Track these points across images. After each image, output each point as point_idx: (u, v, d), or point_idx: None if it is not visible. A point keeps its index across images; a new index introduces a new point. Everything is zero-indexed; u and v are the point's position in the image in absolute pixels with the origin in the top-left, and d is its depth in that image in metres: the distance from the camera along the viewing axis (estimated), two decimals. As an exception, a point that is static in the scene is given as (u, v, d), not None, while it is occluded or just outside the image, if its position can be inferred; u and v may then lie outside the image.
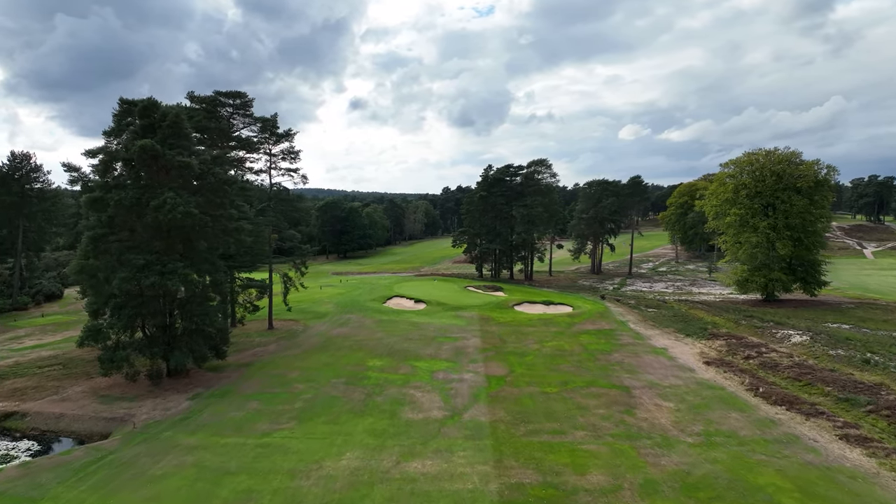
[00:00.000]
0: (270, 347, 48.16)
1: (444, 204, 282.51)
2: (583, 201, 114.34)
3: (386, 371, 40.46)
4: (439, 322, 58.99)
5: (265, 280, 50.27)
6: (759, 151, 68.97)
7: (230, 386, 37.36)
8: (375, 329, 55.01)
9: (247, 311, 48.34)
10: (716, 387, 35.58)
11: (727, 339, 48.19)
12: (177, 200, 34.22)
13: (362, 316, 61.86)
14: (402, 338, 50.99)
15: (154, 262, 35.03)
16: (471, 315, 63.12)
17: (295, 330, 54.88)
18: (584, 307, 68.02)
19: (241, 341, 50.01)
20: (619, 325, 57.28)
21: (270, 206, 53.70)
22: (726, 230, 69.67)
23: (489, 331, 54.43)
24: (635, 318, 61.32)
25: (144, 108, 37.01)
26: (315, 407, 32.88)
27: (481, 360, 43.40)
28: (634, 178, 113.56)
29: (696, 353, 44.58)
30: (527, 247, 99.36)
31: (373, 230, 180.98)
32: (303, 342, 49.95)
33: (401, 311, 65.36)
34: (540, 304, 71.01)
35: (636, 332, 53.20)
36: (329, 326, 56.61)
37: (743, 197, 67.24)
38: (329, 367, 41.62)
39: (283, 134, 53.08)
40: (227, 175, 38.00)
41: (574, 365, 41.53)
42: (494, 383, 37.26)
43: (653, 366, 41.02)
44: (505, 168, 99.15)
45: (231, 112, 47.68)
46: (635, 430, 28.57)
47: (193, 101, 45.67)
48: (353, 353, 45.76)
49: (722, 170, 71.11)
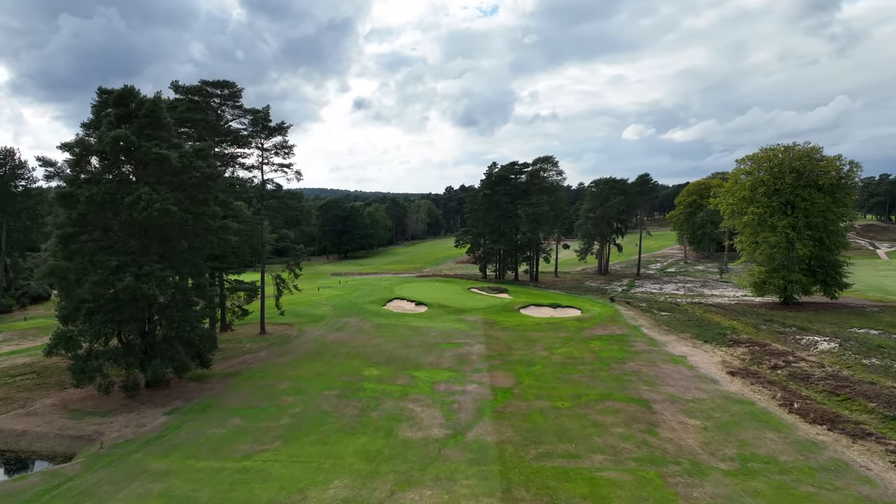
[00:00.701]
0: (261, 354, 45.13)
1: (447, 203, 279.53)
2: (589, 200, 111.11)
3: (383, 382, 37.37)
4: (441, 326, 55.87)
5: (256, 282, 47.26)
6: (778, 147, 65.63)
7: (213, 398, 34.33)
8: (373, 334, 51.94)
9: (235, 316, 45.28)
10: (744, 401, 32.35)
11: (749, 346, 44.93)
12: (153, 197, 31.22)
13: (360, 320, 58.80)
14: (401, 344, 47.90)
15: (129, 264, 32.05)
16: (474, 319, 60.00)
17: (288, 335, 51.85)
18: (593, 310, 64.81)
19: (231, 347, 47.04)
20: (632, 329, 54.05)
21: (263, 204, 50.71)
22: (742, 230, 66.31)
23: (494, 336, 51.30)
24: (648, 322, 58.07)
25: (120, 95, 34.04)
26: (303, 424, 29.81)
27: (486, 369, 40.29)
28: (643, 177, 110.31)
29: (718, 362, 41.34)
30: (532, 247, 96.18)
31: (374, 230, 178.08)
32: (296, 348, 46.91)
33: (401, 315, 62.29)
34: (547, 307, 67.81)
35: (650, 338, 49.97)
36: (325, 331, 53.56)
37: (761, 195, 63.87)
38: (322, 376, 38.56)
39: (275, 127, 50.08)
40: (211, 170, 35.00)
41: (586, 375, 38.35)
42: (501, 396, 34.13)
43: (672, 376, 37.81)
44: (510, 165, 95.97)
45: (219, 103, 44.68)
46: (660, 454, 25.40)
47: (178, 92, 42.69)
48: (348, 361, 42.70)
49: (738, 166, 67.73)
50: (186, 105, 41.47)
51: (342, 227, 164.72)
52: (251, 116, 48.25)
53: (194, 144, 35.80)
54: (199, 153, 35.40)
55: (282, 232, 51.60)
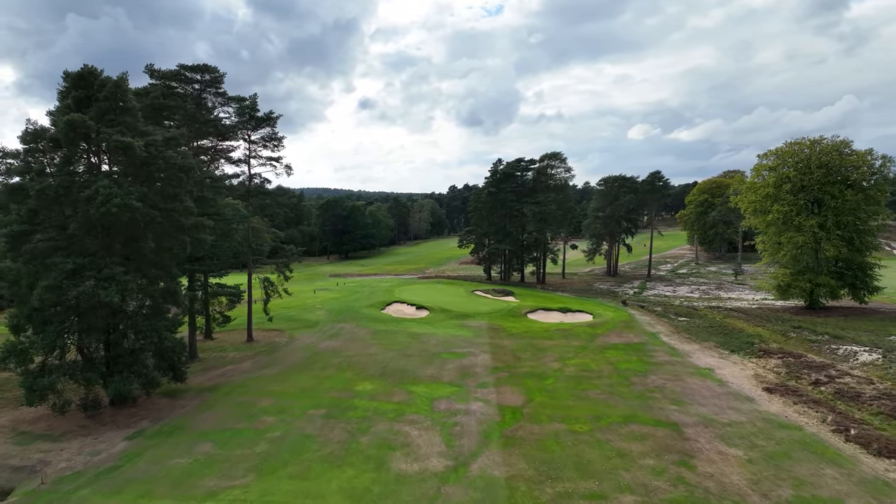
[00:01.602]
0: (245, 365, 41.18)
1: (451, 203, 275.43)
2: (598, 199, 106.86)
3: (377, 398, 33.34)
4: (443, 333, 51.81)
5: (241, 286, 43.33)
6: (803, 141, 61.32)
7: (184, 419, 30.38)
8: (369, 342, 47.91)
9: (216, 323, 41.28)
10: (790, 425, 28.15)
11: (783, 358, 40.71)
12: (112, 191, 27.30)
13: (356, 325, 54.79)
14: (399, 353, 43.86)
15: (87, 267, 28.16)
16: (479, 325, 55.91)
17: (277, 343, 47.89)
18: (605, 315, 60.62)
19: (212, 357, 43.15)
20: (650, 337, 49.85)
21: (250, 201, 46.80)
22: (766, 229, 62.00)
23: (500, 345, 47.20)
24: (666, 328, 53.85)
25: (80, 76, 30.17)
26: (282, 452, 25.81)
27: (492, 383, 36.21)
28: (654, 174, 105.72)
29: (750, 376, 37.12)
30: (539, 247, 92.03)
31: (376, 230, 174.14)
32: (283, 358, 42.93)
33: (400, 320, 58.25)
34: (556, 312, 63.67)
35: (671, 347, 45.77)
36: (317, 338, 49.58)
37: (786, 192, 59.57)
38: (309, 392, 34.56)
39: (262, 118, 46.15)
40: (183, 160, 31.04)
41: (605, 391, 34.21)
42: (509, 417, 30.05)
43: (701, 393, 33.63)
44: (515, 162, 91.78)
45: (199, 90, 40.75)
46: (701, 495, 21.26)
47: (153, 77, 38.82)
48: (340, 373, 38.69)
49: (760, 161, 63.37)
50: (161, 91, 37.58)
51: (343, 226, 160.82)
52: (236, 105, 44.32)
53: (165, 132, 31.84)
54: (170, 142, 31.46)
55: (271, 231, 47.59)
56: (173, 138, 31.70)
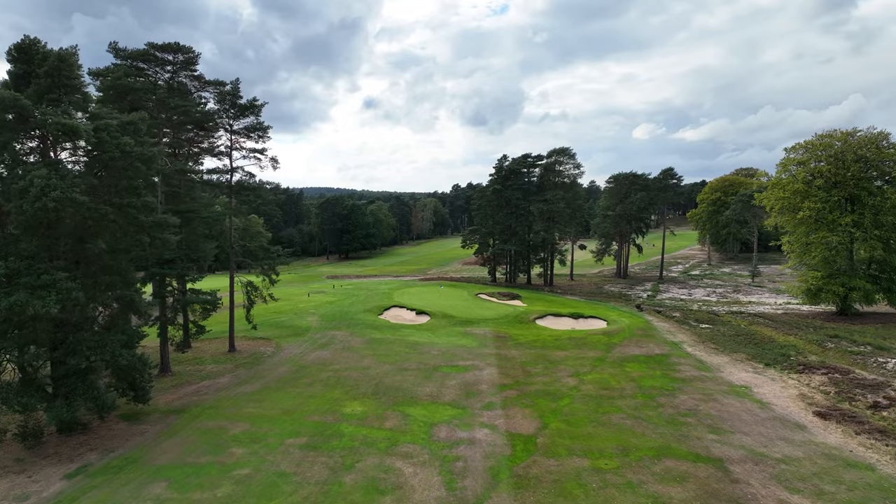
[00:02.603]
0: (222, 380, 36.80)
1: (454, 202, 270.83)
2: (607, 197, 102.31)
3: (367, 423, 28.89)
4: (444, 342, 47.34)
5: (217, 291, 38.94)
6: (834, 133, 56.57)
7: (140, 450, 25.99)
8: (363, 353, 43.46)
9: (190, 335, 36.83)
10: (859, 464, 23.54)
11: (827, 374, 36.10)
12: (50, 182, 22.91)
13: (350, 333, 50.36)
14: (395, 367, 39.41)
15: (21, 272, 23.80)
16: (483, 332, 51.42)
17: (261, 353, 43.49)
18: (621, 322, 56.04)
19: (187, 371, 38.78)
20: (672, 348, 45.27)
21: (232, 197, 42.47)
22: (794, 228, 57.30)
23: (508, 356, 42.70)
24: (689, 337, 49.24)
25: (19, 48, 25.87)
26: (248, 496, 21.36)
27: (499, 404, 31.72)
28: (666, 171, 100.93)
29: (795, 396, 32.49)
30: (546, 247, 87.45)
31: (377, 229, 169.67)
32: (266, 372, 38.53)
33: (398, 327, 53.77)
34: (567, 318, 59.10)
35: (698, 360, 41.18)
36: (306, 348, 45.17)
37: (817, 188, 54.88)
38: (290, 415, 30.13)
39: (246, 105, 41.79)
40: (142, 148, 26.64)
41: (630, 415, 29.67)
42: (521, 449, 25.56)
43: (742, 418, 29.05)
44: (522, 158, 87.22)
45: (172, 72, 36.39)
46: (770, 566, 16.72)
47: (118, 56, 34.51)
48: (327, 391, 34.26)
49: (787, 155, 58.59)
50: (124, 71, 33.27)
51: (343, 225, 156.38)
52: (215, 90, 39.99)
53: (121, 115, 27.46)
54: (127, 127, 27.06)
55: (255, 230, 43.15)
56: (131, 123, 27.30)
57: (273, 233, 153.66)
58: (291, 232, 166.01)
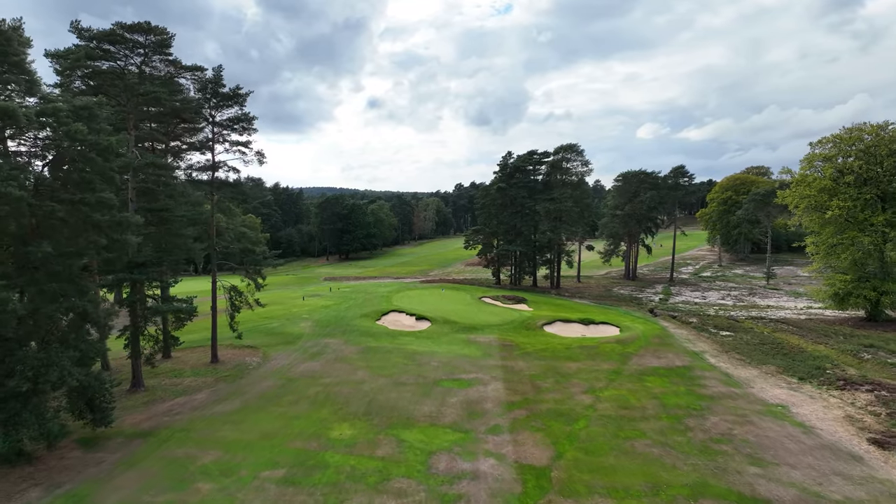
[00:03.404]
0: (199, 397, 33.25)
1: (457, 201, 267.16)
2: (616, 196, 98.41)
3: (356, 450, 25.30)
4: (446, 352, 43.73)
5: (193, 297, 35.36)
6: (864, 126, 52.64)
7: (91, 485, 22.44)
8: (357, 365, 39.88)
9: (157, 346, 33.17)
10: (936, 508, 19.85)
11: (873, 391, 32.36)
12: (-22, 173, 19.40)
13: (344, 341, 46.77)
14: (391, 381, 35.81)
15: (-52, 280, 20.29)
16: (488, 340, 47.78)
17: (246, 364, 39.95)
18: (634, 328, 52.31)
19: (162, 385, 35.25)
20: (693, 358, 41.56)
21: (214, 194, 38.97)
22: (821, 229, 53.47)
23: (515, 368, 39.05)
24: (710, 346, 45.52)
25: (-48, 22, 22.30)
26: (207, 550, 17.81)
27: (507, 427, 28.09)
28: (677, 169, 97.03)
29: (841, 419, 28.75)
30: (553, 248, 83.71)
31: (378, 229, 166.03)
32: (249, 387, 34.97)
33: (396, 334, 50.14)
34: (577, 324, 55.41)
35: (724, 373, 37.47)
36: (296, 359, 41.60)
37: (846, 185, 51.07)
38: (270, 440, 26.57)
39: (229, 94, 38.30)
40: (96, 137, 23.12)
41: (657, 441, 26.00)
42: (532, 485, 21.93)
43: (786, 446, 25.35)
44: (527, 155, 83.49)
45: (144, 55, 32.85)
46: None
47: (82, 38, 31.01)
48: (314, 410, 30.68)
49: (812, 150, 54.74)
50: (86, 52, 29.75)
51: (343, 225, 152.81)
52: (193, 77, 36.43)
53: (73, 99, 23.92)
54: (81, 112, 23.53)
55: (239, 230, 39.61)
56: (86, 108, 23.76)
57: (272, 233, 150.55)
58: (290, 232, 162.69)
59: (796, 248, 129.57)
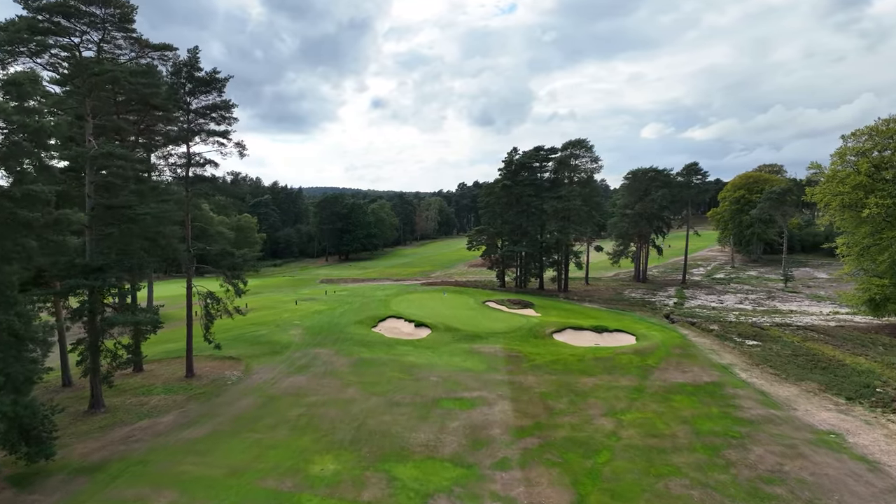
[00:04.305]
0: (165, 420, 29.21)
1: (460, 200, 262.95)
2: (626, 194, 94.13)
3: (338, 492, 21.25)
4: (446, 364, 39.66)
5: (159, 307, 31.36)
6: (901, 117, 48.39)
7: (13, 540, 18.49)
8: (347, 380, 35.83)
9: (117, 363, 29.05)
10: None
11: (937, 415, 28.15)
12: None
13: (336, 352, 42.73)
14: (384, 400, 31.73)
15: None
16: (493, 350, 43.69)
17: (224, 379, 35.94)
18: (652, 337, 48.14)
19: (127, 405, 31.25)
20: (722, 372, 37.40)
21: (188, 190, 35.00)
22: (856, 229, 49.21)
23: (524, 384, 34.93)
24: (738, 358, 41.34)
25: None
26: None
27: (517, 459, 23.99)
28: (690, 166, 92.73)
29: (909, 451, 24.57)
30: (561, 249, 79.53)
31: (378, 229, 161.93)
32: (222, 408, 30.93)
33: (393, 344, 46.08)
34: (589, 332, 51.22)
35: (760, 391, 33.29)
36: (280, 372, 37.58)
37: (884, 181, 46.78)
38: (238, 477, 22.52)
39: (206, 79, 34.37)
40: (25, 118, 19.17)
41: (695, 481, 21.86)
42: (551, 543, 17.83)
43: (851, 488, 21.19)
44: (534, 151, 79.30)
45: (103, 31, 28.84)
46: None
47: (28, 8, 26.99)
48: (294, 437, 26.64)
49: (845, 143, 50.43)
50: (27, 24, 25.80)
51: (343, 225, 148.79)
52: (162, 57, 32.44)
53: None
54: (9, 87, 19.54)
55: (217, 230, 35.58)
56: (14, 83, 19.76)
57: (269, 233, 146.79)
58: (289, 232, 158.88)
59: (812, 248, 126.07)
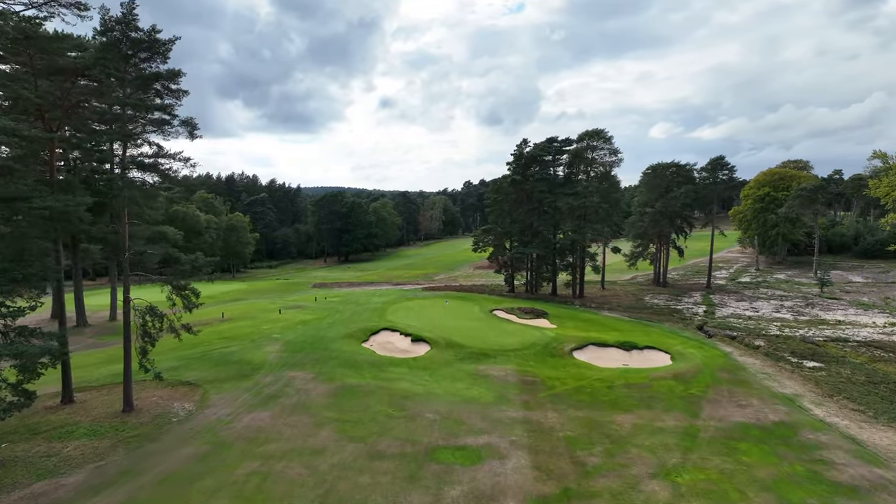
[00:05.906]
0: (70, 482, 22.04)
1: (466, 199, 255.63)
2: (645, 191, 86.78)
3: None
4: (447, 394, 32.42)
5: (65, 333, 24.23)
6: None
7: None
8: (323, 416, 28.59)
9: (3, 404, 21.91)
10: None
11: None
12: None
13: (314, 376, 35.54)
14: (364, 450, 24.46)
15: None
16: (504, 374, 36.43)
17: (170, 415, 28.81)
18: (690, 355, 40.75)
19: (31, 455, 24.14)
20: (789, 407, 29.99)
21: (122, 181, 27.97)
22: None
23: (544, 426, 27.62)
24: (802, 386, 33.92)
25: None
26: None
27: (543, 558, 16.71)
28: (715, 160, 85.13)
29: None
30: (576, 251, 72.12)
31: (380, 229, 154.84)
32: (154, 460, 23.75)
33: (384, 364, 38.85)
34: (615, 349, 43.83)
35: (849, 437, 25.88)
36: (242, 404, 30.40)
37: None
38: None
39: (143, 39, 27.31)
40: None
41: None
42: None
43: None
44: (546, 143, 71.96)
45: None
46: None
47: None
48: (234, 512, 19.46)
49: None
50: None
51: (342, 225, 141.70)
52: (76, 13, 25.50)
53: None
54: None
55: (155, 230, 28.49)
56: None
57: (266, 233, 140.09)
58: (286, 232, 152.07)
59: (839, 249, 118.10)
